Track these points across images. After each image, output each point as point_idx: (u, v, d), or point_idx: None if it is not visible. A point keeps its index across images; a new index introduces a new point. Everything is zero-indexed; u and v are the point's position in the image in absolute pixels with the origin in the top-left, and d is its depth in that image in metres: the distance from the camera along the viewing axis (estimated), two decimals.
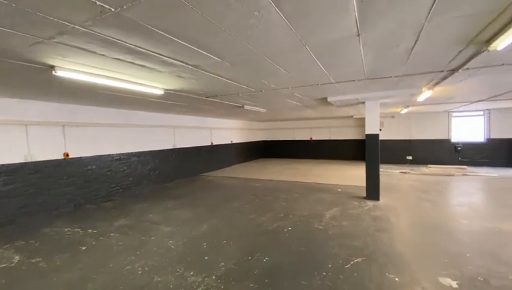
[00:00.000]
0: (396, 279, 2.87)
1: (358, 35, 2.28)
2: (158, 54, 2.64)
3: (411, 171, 9.68)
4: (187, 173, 9.80)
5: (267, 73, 3.61)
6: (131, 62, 2.88)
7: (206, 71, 3.38)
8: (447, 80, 4.21)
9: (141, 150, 7.90)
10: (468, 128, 10.97)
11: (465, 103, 7.92)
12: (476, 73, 3.79)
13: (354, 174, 9.39)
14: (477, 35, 2.32)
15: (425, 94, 5.37)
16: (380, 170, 10.24)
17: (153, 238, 4.16)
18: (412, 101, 6.66)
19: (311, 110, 9.15)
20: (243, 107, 7.20)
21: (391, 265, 3.16)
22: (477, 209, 5.26)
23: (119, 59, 2.76)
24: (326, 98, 6.11)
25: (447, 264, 3.15)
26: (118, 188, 7.17)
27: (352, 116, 12.37)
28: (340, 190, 7.16)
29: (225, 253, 3.60)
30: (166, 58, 2.80)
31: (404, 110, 9.53)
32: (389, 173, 9.65)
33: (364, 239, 3.90)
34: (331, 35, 2.30)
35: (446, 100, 7.09)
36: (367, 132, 6.15)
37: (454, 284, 2.76)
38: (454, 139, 11.07)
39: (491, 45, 2.35)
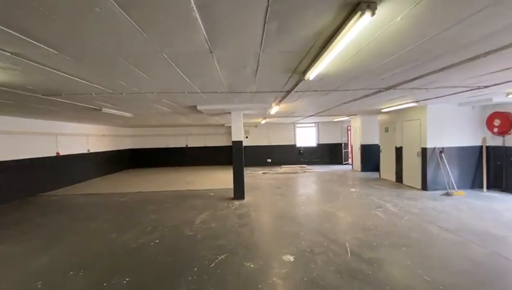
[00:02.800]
0: (252, 265, 3.33)
1: (211, 52, 2.54)
2: None
3: (270, 172, 11.54)
4: (17, 194, 7.30)
5: (124, 75, 3.32)
6: None
7: (35, 62, 2.71)
8: (286, 99, 5.38)
9: None
10: (307, 135, 14.42)
11: (302, 117, 10.36)
12: (304, 95, 5.08)
13: (226, 178, 10.10)
14: (296, 67, 3.14)
15: (275, 108, 6.62)
16: (247, 172, 11.66)
17: None
18: (266, 113, 8.02)
19: (184, 118, 9.13)
20: (100, 110, 6.21)
21: (249, 254, 3.63)
22: (310, 197, 6.95)
23: None
24: (196, 106, 6.30)
25: (288, 244, 3.97)
26: None
27: (223, 125, 13.36)
28: (212, 194, 7.51)
29: (71, 287, 2.95)
30: None
31: (263, 121, 11.30)
32: (254, 175, 11.07)
33: (229, 236, 4.28)
34: (186, 48, 2.43)
35: (290, 114, 9.00)
36: (233, 139, 6.81)
37: (291, 258, 3.52)
38: (298, 144, 14.24)
39: (305, 75, 3.24)
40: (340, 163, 13.94)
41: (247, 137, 14.09)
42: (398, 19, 1.89)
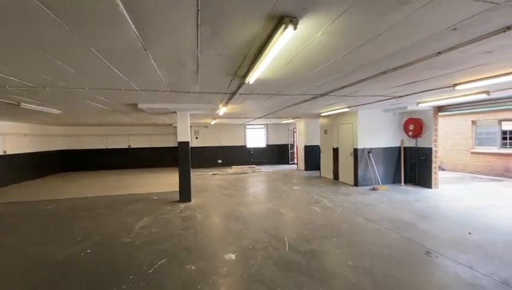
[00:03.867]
0: (193, 267, 3.31)
1: (146, 50, 2.47)
2: None
3: (220, 173, 11.52)
4: None
5: (46, 67, 2.97)
6: None
7: None
8: (233, 100, 5.48)
9: None
10: (256, 137, 14.80)
11: (252, 118, 10.63)
12: (248, 97, 5.24)
13: (172, 180, 9.72)
14: (236, 71, 3.25)
15: (223, 109, 6.66)
16: (196, 173, 11.44)
17: None
18: (215, 114, 8.00)
19: (125, 116, 8.48)
20: (19, 105, 5.38)
21: (190, 257, 3.59)
22: (257, 196, 7.18)
23: None
24: (137, 105, 5.94)
25: (231, 243, 4.05)
26: None
27: (171, 125, 12.81)
28: (156, 197, 7.16)
29: None
30: None
31: (213, 122, 11.23)
32: (203, 176, 10.90)
33: (171, 240, 4.16)
34: (117, 44, 2.31)
35: (239, 115, 9.15)
36: (179, 140, 6.62)
37: (233, 256, 3.60)
38: (248, 145, 14.52)
39: (246, 79, 3.37)
40: (287, 163, 14.69)
41: (196, 138, 13.80)
42: (319, 34, 2.13)
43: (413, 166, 8.08)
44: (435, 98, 5.76)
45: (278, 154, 14.79)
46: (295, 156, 14.06)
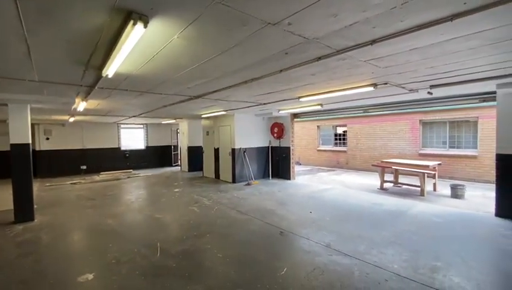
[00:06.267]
0: None
1: None
2: None
3: (83, 181, 9.59)
4: None
5: None
6: None
7: None
8: (94, 95, 4.70)
9: None
10: (134, 138, 13.31)
11: (126, 117, 9.49)
12: (114, 93, 4.65)
13: (4, 196, 7.24)
14: (89, 61, 2.82)
15: (82, 105, 5.58)
16: (48, 184, 9.00)
17: None
18: (71, 109, 6.60)
19: None
20: None
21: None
22: (131, 203, 6.47)
23: None
24: None
25: (90, 261, 3.48)
26: None
27: (5, 121, 9.50)
28: None
29: None
30: None
31: (72, 119, 9.21)
32: (58, 187, 8.75)
33: None
34: None
35: (107, 113, 7.95)
36: (13, 141, 5.02)
37: (90, 276, 3.10)
38: (123, 147, 12.83)
39: (102, 71, 2.98)
40: (170, 165, 14.05)
41: (47, 139, 10.87)
42: (175, 37, 2.19)
43: (278, 162, 9.61)
44: (290, 106, 7.09)
45: (159, 156, 13.86)
46: (179, 157, 13.65)
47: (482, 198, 6.25)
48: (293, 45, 2.43)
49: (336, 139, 12.72)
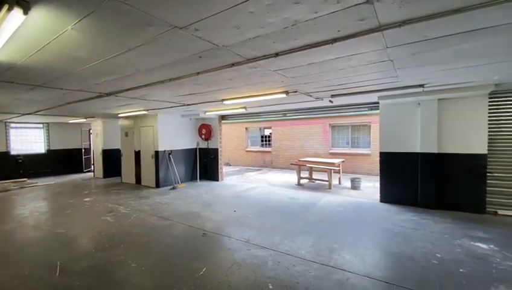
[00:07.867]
0: None
1: None
2: None
3: None
4: None
5: None
6: None
7: None
8: None
9: None
10: (30, 140, 10.99)
11: (17, 115, 7.78)
12: None
13: None
14: None
15: None
16: None
17: None
18: None
19: None
20: None
21: None
22: (22, 220, 5.34)
23: None
24: None
25: None
26: None
27: None
28: None
29: None
30: None
31: None
32: None
33: None
34: None
35: None
36: None
37: None
38: (14, 152, 10.45)
39: None
40: (81, 171, 12.19)
41: None
42: (70, 28, 1.97)
43: (206, 164, 9.54)
44: (215, 108, 7.16)
45: (66, 161, 11.83)
46: (92, 162, 11.96)
47: (372, 188, 7.67)
48: (205, 50, 2.51)
49: (262, 140, 13.46)
